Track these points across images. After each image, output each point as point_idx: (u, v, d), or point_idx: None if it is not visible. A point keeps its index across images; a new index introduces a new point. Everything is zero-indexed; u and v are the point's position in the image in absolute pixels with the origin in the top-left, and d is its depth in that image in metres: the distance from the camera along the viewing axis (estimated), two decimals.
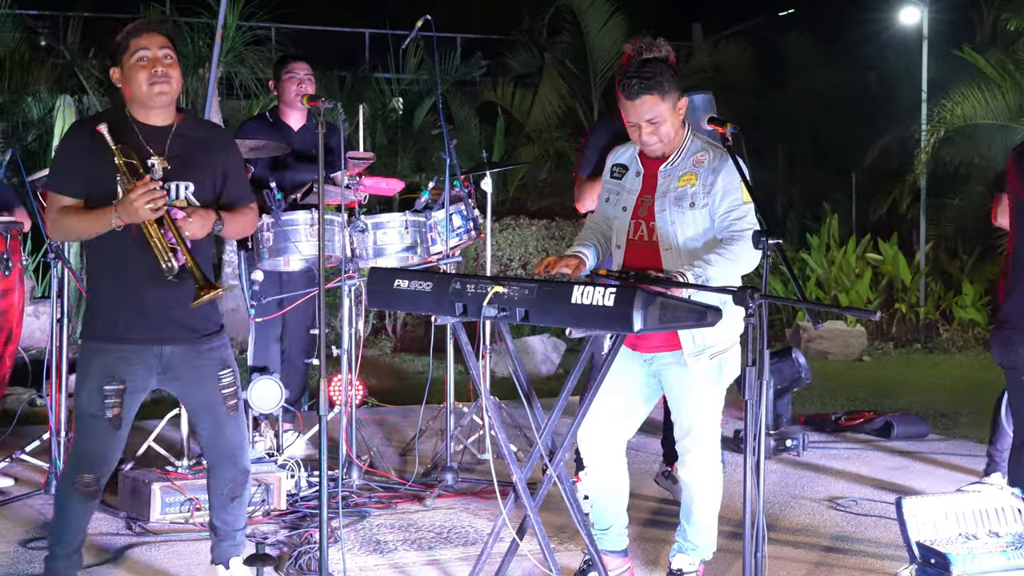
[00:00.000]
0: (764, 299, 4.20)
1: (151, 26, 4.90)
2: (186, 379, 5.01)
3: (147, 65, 4.81)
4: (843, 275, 16.64)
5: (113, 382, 4.87)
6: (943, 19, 19.22)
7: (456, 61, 18.64)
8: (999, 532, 5.46)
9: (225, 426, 5.08)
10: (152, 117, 4.89)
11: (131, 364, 4.89)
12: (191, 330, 4.96)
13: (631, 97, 5.17)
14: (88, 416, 4.90)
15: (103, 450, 4.97)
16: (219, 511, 5.21)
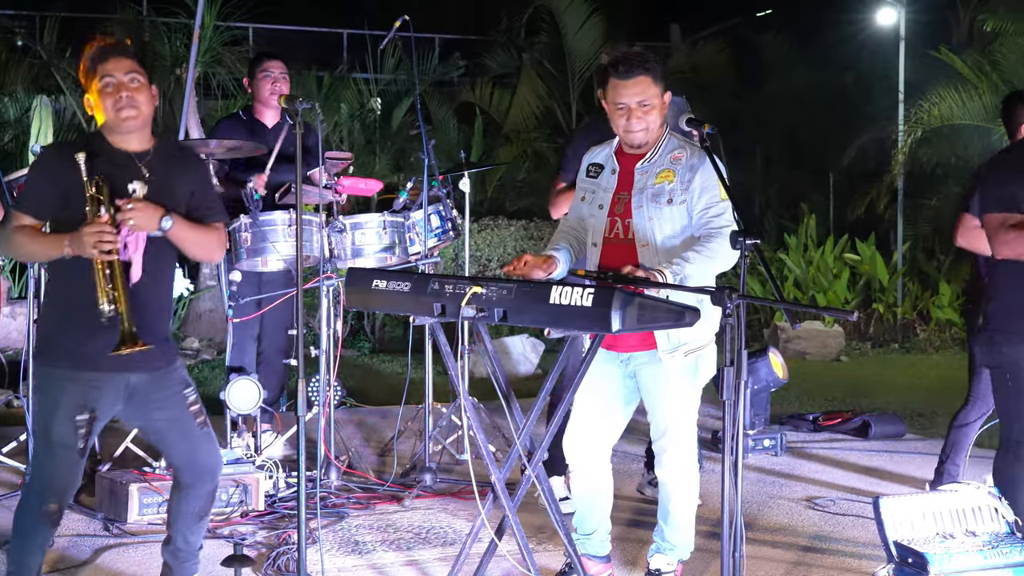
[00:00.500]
0: (742, 299, 4.20)
1: (116, 50, 4.78)
2: (150, 403, 4.88)
3: (112, 91, 4.70)
4: (821, 275, 16.68)
5: (84, 411, 4.75)
6: (920, 20, 19.28)
7: (434, 61, 18.62)
8: (976, 531, 5.47)
9: (200, 444, 4.96)
10: (128, 142, 4.79)
11: (100, 391, 4.78)
12: (156, 357, 4.82)
13: (627, 76, 5.19)
14: (59, 447, 4.77)
15: (70, 478, 4.87)
16: (184, 531, 5.04)
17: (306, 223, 7.15)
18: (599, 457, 5.49)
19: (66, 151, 4.79)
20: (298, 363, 4.84)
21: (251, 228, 7.14)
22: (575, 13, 18.81)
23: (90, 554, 6.03)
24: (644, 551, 5.86)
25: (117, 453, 7.16)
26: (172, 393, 4.91)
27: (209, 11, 13.70)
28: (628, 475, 7.71)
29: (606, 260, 5.31)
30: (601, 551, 5.60)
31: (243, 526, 6.48)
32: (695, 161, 5.22)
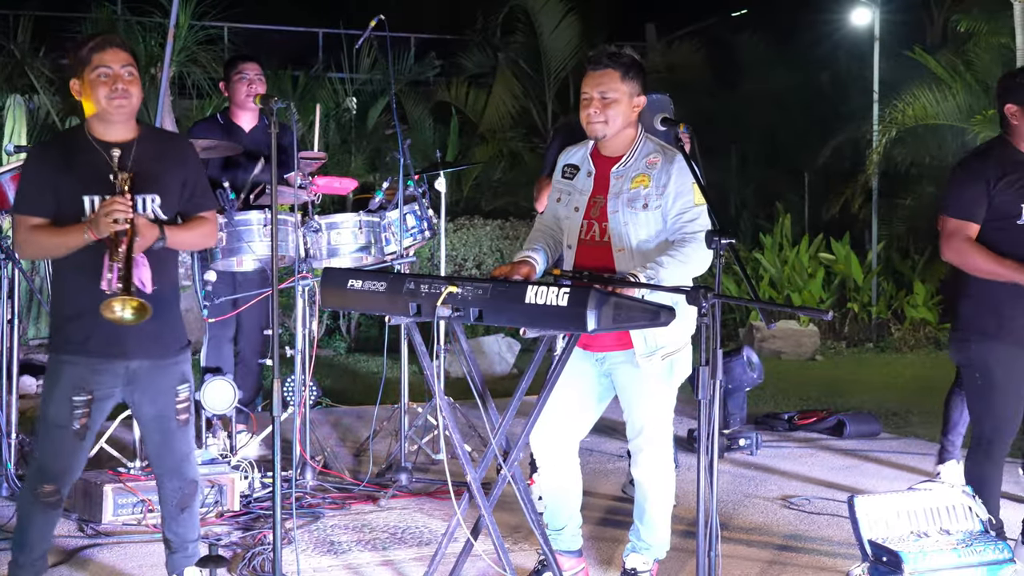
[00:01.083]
0: (717, 299, 4.21)
1: (115, 42, 4.88)
2: (146, 392, 4.97)
3: (108, 81, 4.79)
4: (796, 275, 16.72)
5: (82, 392, 4.84)
6: (894, 20, 19.33)
7: (410, 61, 18.61)
8: (950, 530, 5.50)
9: (173, 439, 5.04)
10: (111, 132, 4.87)
11: (99, 374, 4.87)
12: (161, 346, 4.95)
13: (595, 67, 5.26)
14: (55, 427, 4.87)
15: (67, 461, 4.93)
16: (169, 523, 5.16)
17: (281, 223, 7.14)
18: (567, 452, 5.51)
19: (51, 148, 5.01)
20: (273, 363, 4.84)
21: (226, 228, 7.12)
22: (551, 13, 18.81)
23: (64, 555, 6.01)
24: (620, 550, 5.87)
25: (92, 453, 7.11)
26: (167, 389, 4.98)
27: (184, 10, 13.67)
28: (605, 474, 7.72)
29: (581, 262, 5.33)
30: (573, 546, 5.61)
31: (218, 526, 6.47)
32: (670, 165, 5.23)
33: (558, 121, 18.92)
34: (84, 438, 4.91)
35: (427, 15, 22.25)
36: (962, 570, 5.28)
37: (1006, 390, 5.68)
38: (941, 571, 5.24)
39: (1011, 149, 5.69)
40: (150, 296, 4.73)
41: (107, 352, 4.85)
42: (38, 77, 14.69)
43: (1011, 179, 5.60)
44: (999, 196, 5.59)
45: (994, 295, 5.62)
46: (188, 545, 5.19)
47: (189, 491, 5.12)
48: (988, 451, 5.74)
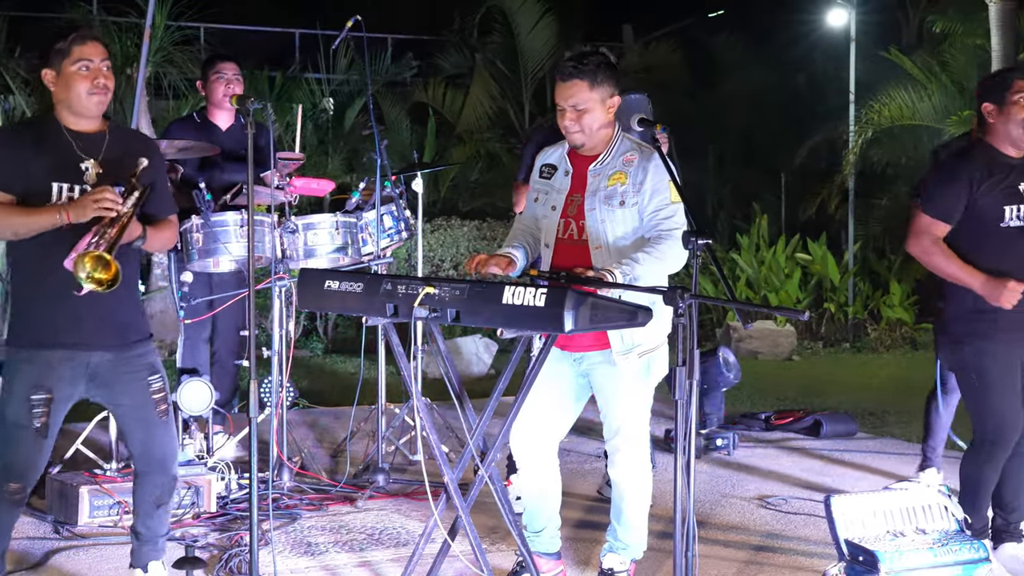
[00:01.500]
0: (694, 299, 4.22)
1: (94, 35, 4.91)
2: (115, 385, 4.97)
3: (88, 75, 4.82)
4: (772, 275, 16.76)
5: (40, 391, 4.83)
6: (870, 21, 19.40)
7: (387, 61, 18.60)
8: (926, 529, 5.51)
9: (156, 432, 5.04)
10: (82, 124, 4.90)
11: (58, 372, 4.86)
12: (120, 337, 4.95)
13: (563, 78, 5.25)
14: (14, 427, 4.86)
15: (29, 460, 4.92)
16: (144, 518, 5.16)
17: (258, 224, 7.13)
18: (546, 453, 5.50)
19: (23, 130, 5.09)
20: (250, 364, 4.83)
21: (203, 229, 7.11)
22: (528, 13, 18.82)
23: (40, 556, 5.98)
24: (597, 550, 5.87)
25: (68, 455, 7.10)
26: (136, 378, 4.98)
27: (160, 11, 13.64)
28: (583, 475, 7.72)
29: (559, 261, 5.33)
30: (551, 548, 5.61)
31: (195, 528, 6.45)
32: (647, 163, 5.24)
33: (535, 122, 18.94)
34: (46, 436, 4.89)
35: (404, 16, 22.24)
36: (938, 569, 5.30)
37: (1003, 387, 5.68)
38: (917, 570, 5.26)
39: (992, 150, 5.72)
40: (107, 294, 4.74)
41: (65, 343, 4.84)
42: (13, 78, 14.61)
43: (995, 180, 5.63)
44: (983, 198, 5.61)
45: (974, 296, 5.64)
46: (159, 539, 5.20)
47: (169, 488, 5.14)
48: (991, 453, 5.72)
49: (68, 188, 4.79)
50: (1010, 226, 5.62)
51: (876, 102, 16.35)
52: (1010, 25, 13.99)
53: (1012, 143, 5.68)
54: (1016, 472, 5.88)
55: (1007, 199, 5.62)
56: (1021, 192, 5.63)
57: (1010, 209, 5.62)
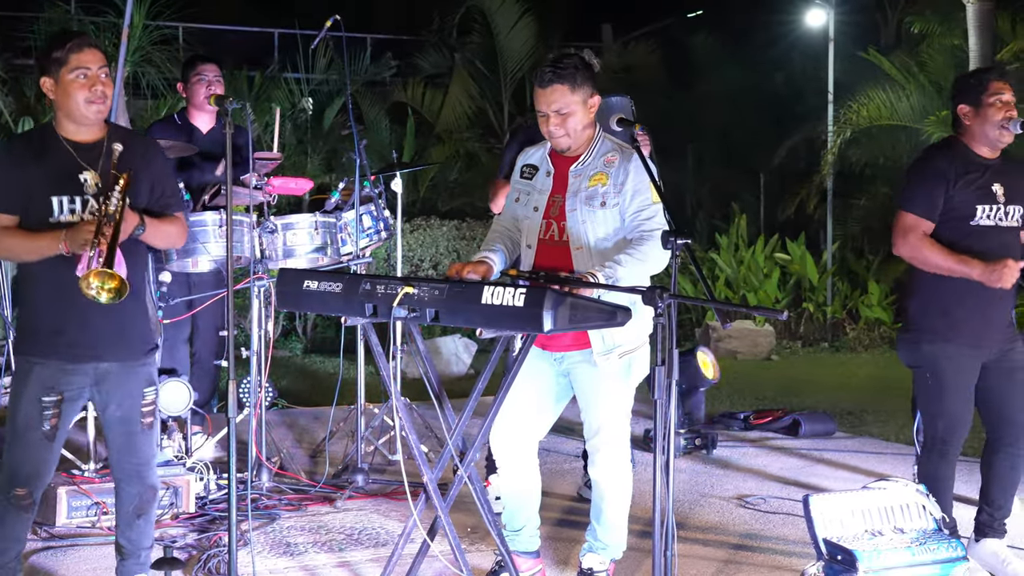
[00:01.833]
0: (673, 299, 4.22)
1: (92, 42, 4.84)
2: (113, 395, 4.92)
3: (86, 83, 4.76)
4: (751, 275, 16.79)
5: (51, 392, 4.80)
6: (849, 21, 19.46)
7: (366, 61, 18.57)
8: (904, 528, 5.53)
9: (136, 441, 4.99)
10: (81, 133, 4.84)
11: (69, 375, 4.83)
12: (129, 349, 4.92)
13: (542, 85, 5.23)
14: (25, 429, 4.81)
15: (37, 464, 4.88)
16: (124, 529, 5.09)
17: (237, 224, 7.12)
18: (527, 453, 5.51)
19: (21, 145, 4.95)
20: (229, 364, 4.82)
21: None
22: (507, 13, 18.82)
23: None
24: (576, 550, 5.88)
25: None
26: (132, 392, 4.94)
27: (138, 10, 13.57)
28: (562, 475, 7.72)
29: (540, 261, 5.33)
30: (530, 547, 5.61)
31: (173, 528, 6.44)
32: (628, 164, 5.24)
33: (515, 122, 18.95)
34: (54, 439, 4.86)
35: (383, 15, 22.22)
36: (916, 568, 5.31)
37: (957, 389, 5.73)
38: (895, 569, 5.27)
39: (967, 150, 5.74)
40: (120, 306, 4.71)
41: (76, 354, 4.81)
42: None
43: (970, 179, 5.65)
44: (957, 195, 5.64)
45: (944, 296, 5.67)
46: (141, 552, 5.12)
47: (148, 497, 5.07)
48: (943, 451, 5.78)
49: (69, 200, 4.73)
50: (980, 224, 5.64)
51: (855, 102, 16.39)
52: (987, 25, 14.03)
53: (988, 144, 5.70)
54: (1008, 472, 5.92)
55: (980, 198, 5.64)
56: (994, 192, 5.66)
57: (982, 208, 5.64)
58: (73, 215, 4.73)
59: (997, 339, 5.76)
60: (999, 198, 5.66)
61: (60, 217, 4.73)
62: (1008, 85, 5.73)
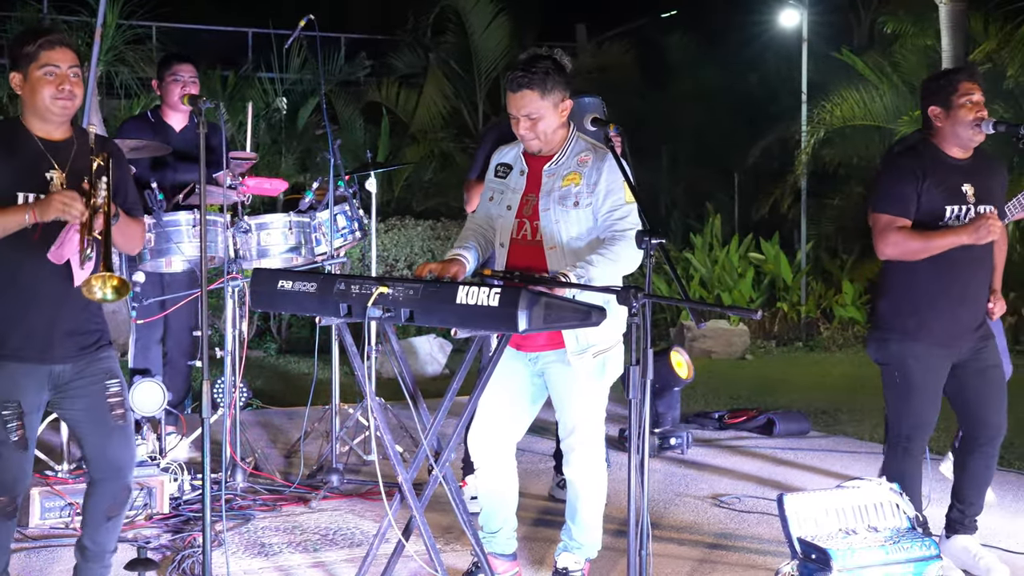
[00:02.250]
0: (648, 298, 4.22)
1: (64, 40, 4.80)
2: (72, 391, 4.86)
3: (54, 81, 4.72)
4: (726, 274, 16.84)
5: (8, 405, 4.72)
6: (822, 22, 19.53)
7: (340, 61, 18.56)
8: (878, 527, 5.54)
9: (112, 437, 4.91)
10: (49, 130, 4.80)
11: (21, 385, 4.75)
12: (82, 347, 4.85)
13: (513, 90, 5.23)
14: None
15: (15, 471, 4.80)
16: (92, 531, 5.00)
17: (211, 223, 7.10)
18: (504, 455, 5.51)
19: None
20: (203, 365, 4.80)
21: (155, 229, 7.07)
22: (481, 13, 18.83)
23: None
24: (551, 550, 5.88)
25: None
26: (93, 382, 4.87)
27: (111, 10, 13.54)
28: (537, 475, 7.72)
29: (513, 261, 5.33)
30: (507, 549, 5.61)
31: (147, 529, 6.42)
32: (601, 163, 5.25)
33: (489, 121, 18.94)
34: (26, 448, 4.78)
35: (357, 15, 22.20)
36: (890, 567, 5.33)
37: (924, 389, 5.75)
38: (869, 568, 5.28)
39: (937, 150, 5.75)
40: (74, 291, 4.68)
41: (26, 356, 4.74)
42: None
43: (938, 179, 5.66)
44: (925, 195, 5.65)
45: (914, 296, 5.70)
46: (106, 555, 5.04)
47: (121, 499, 4.99)
48: (908, 448, 5.81)
49: (34, 198, 4.67)
50: (949, 225, 5.66)
51: (828, 102, 16.46)
52: (960, 25, 14.10)
53: (960, 145, 5.72)
54: (983, 471, 5.94)
55: (948, 198, 5.66)
56: (963, 193, 5.67)
57: (950, 208, 5.65)
58: None
59: (968, 339, 5.78)
60: (969, 198, 5.67)
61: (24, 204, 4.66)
62: (978, 85, 5.74)
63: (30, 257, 4.69)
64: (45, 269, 4.71)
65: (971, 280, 5.72)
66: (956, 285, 5.66)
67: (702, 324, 15.07)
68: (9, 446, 4.73)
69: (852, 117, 16.18)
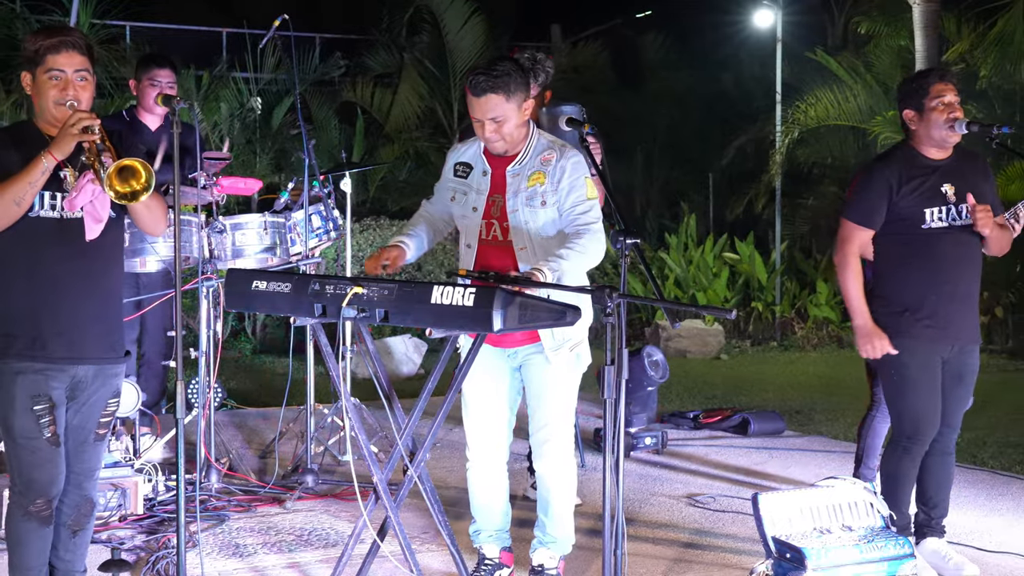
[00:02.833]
0: (623, 298, 4.23)
1: (70, 43, 4.71)
2: (76, 404, 4.78)
3: (58, 84, 4.66)
4: (701, 274, 16.86)
5: (40, 400, 4.63)
6: (796, 22, 19.57)
7: (315, 61, 18.50)
8: (852, 526, 5.56)
9: (84, 452, 4.83)
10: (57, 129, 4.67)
11: (51, 380, 4.66)
12: (106, 348, 4.79)
13: (477, 94, 5.22)
14: (26, 440, 4.64)
15: (51, 472, 4.70)
16: (59, 548, 4.89)
17: (185, 224, 7.09)
18: (501, 452, 5.59)
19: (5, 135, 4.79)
20: (177, 365, 4.78)
21: (129, 229, 7.03)
22: (456, 13, 18.79)
23: None
24: (527, 549, 5.88)
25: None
26: (98, 400, 4.81)
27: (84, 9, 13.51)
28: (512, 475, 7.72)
29: (483, 262, 5.34)
30: (507, 542, 5.70)
31: (121, 530, 6.40)
32: (564, 161, 5.28)
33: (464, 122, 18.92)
34: (59, 444, 4.69)
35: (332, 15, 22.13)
36: (864, 565, 5.35)
37: (920, 385, 5.77)
38: (843, 567, 5.31)
39: (914, 153, 5.78)
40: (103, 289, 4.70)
41: (52, 356, 4.65)
42: None
43: (915, 184, 5.69)
44: (904, 201, 5.68)
45: (905, 295, 5.73)
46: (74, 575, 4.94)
47: (85, 511, 4.90)
48: (908, 448, 5.82)
49: (50, 196, 4.62)
50: (932, 227, 5.68)
51: (802, 102, 16.50)
52: (933, 26, 14.14)
53: (936, 145, 5.74)
54: (939, 470, 5.96)
55: (928, 201, 5.68)
56: (943, 193, 5.69)
57: (930, 211, 5.68)
58: (53, 211, 4.63)
59: (959, 338, 5.80)
60: (949, 198, 5.69)
61: (40, 212, 4.61)
62: (951, 86, 5.77)
63: (50, 251, 4.64)
64: (67, 264, 4.66)
65: (960, 279, 5.76)
66: (947, 284, 5.70)
67: (676, 324, 15.09)
68: (43, 443, 4.65)
69: (826, 117, 16.23)
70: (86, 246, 4.67)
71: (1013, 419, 10.17)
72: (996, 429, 9.62)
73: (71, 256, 4.67)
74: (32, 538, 4.76)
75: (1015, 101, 15.50)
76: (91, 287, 4.71)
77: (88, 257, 4.71)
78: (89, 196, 4.63)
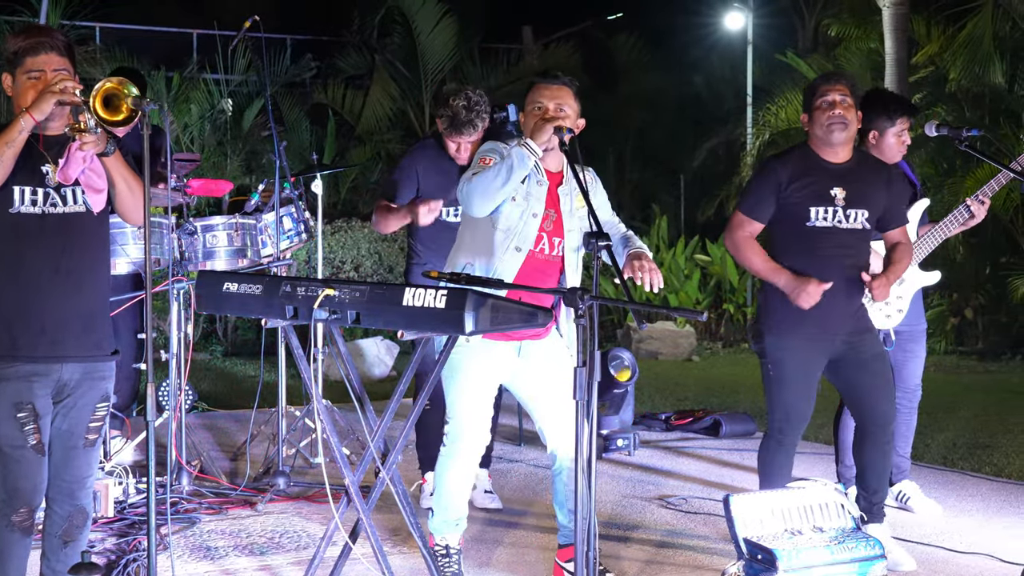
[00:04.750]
0: (594, 300, 4.24)
1: (48, 44, 4.63)
2: (65, 409, 4.71)
3: (38, 85, 4.57)
4: (672, 276, 16.89)
5: (23, 408, 4.56)
6: (767, 24, 19.65)
7: (286, 62, 18.47)
8: (823, 527, 5.58)
9: (75, 458, 4.77)
10: (45, 128, 4.64)
11: (34, 386, 4.59)
12: (92, 345, 4.74)
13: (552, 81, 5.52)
14: (10, 448, 4.58)
15: (34, 481, 4.64)
16: (50, 558, 4.83)
17: (155, 225, 7.06)
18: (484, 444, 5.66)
19: None
20: (147, 367, 4.76)
21: None
22: (428, 15, 18.80)
23: None
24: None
25: None
26: (87, 402, 4.75)
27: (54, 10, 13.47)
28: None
29: (527, 274, 5.35)
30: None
31: (92, 533, 6.35)
32: (595, 182, 5.55)
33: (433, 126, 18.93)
34: (43, 453, 4.63)
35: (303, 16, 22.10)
36: (835, 566, 5.37)
37: (796, 382, 5.92)
38: (814, 568, 5.32)
39: (810, 154, 5.93)
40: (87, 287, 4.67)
41: (37, 356, 4.60)
42: None
43: (805, 182, 5.84)
44: (791, 197, 5.84)
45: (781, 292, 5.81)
46: None
47: (78, 521, 4.84)
48: (779, 440, 6.01)
49: (31, 192, 4.57)
50: (816, 226, 5.82)
51: (773, 105, 16.57)
52: (903, 29, 14.22)
53: (826, 145, 5.89)
54: (880, 459, 6.07)
55: (814, 200, 5.82)
56: (832, 195, 5.82)
57: (816, 210, 5.81)
58: (35, 206, 4.57)
59: (842, 330, 5.88)
60: (838, 201, 5.82)
61: (20, 208, 4.56)
62: (839, 87, 5.88)
63: (32, 249, 4.59)
64: (49, 262, 4.61)
65: (841, 275, 5.83)
66: (826, 281, 5.74)
67: (644, 326, 15.10)
68: (29, 452, 4.59)
69: (797, 120, 16.26)
70: (69, 244, 4.64)
71: (983, 421, 10.23)
72: (966, 431, 9.67)
73: (54, 254, 4.62)
74: (15, 549, 4.70)
75: (984, 104, 15.58)
76: (75, 285, 4.65)
77: (72, 255, 4.66)
78: (80, 165, 4.58)
